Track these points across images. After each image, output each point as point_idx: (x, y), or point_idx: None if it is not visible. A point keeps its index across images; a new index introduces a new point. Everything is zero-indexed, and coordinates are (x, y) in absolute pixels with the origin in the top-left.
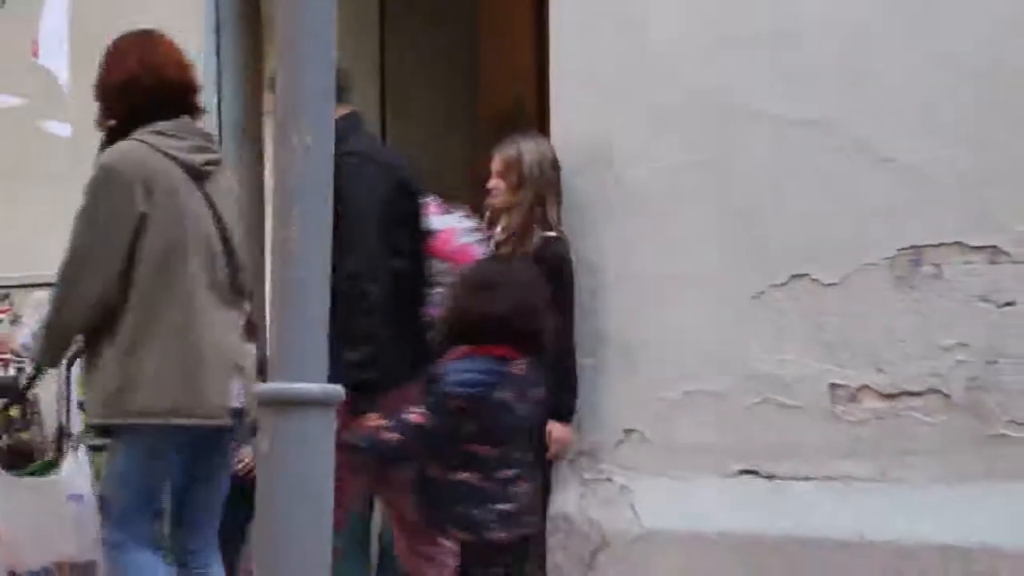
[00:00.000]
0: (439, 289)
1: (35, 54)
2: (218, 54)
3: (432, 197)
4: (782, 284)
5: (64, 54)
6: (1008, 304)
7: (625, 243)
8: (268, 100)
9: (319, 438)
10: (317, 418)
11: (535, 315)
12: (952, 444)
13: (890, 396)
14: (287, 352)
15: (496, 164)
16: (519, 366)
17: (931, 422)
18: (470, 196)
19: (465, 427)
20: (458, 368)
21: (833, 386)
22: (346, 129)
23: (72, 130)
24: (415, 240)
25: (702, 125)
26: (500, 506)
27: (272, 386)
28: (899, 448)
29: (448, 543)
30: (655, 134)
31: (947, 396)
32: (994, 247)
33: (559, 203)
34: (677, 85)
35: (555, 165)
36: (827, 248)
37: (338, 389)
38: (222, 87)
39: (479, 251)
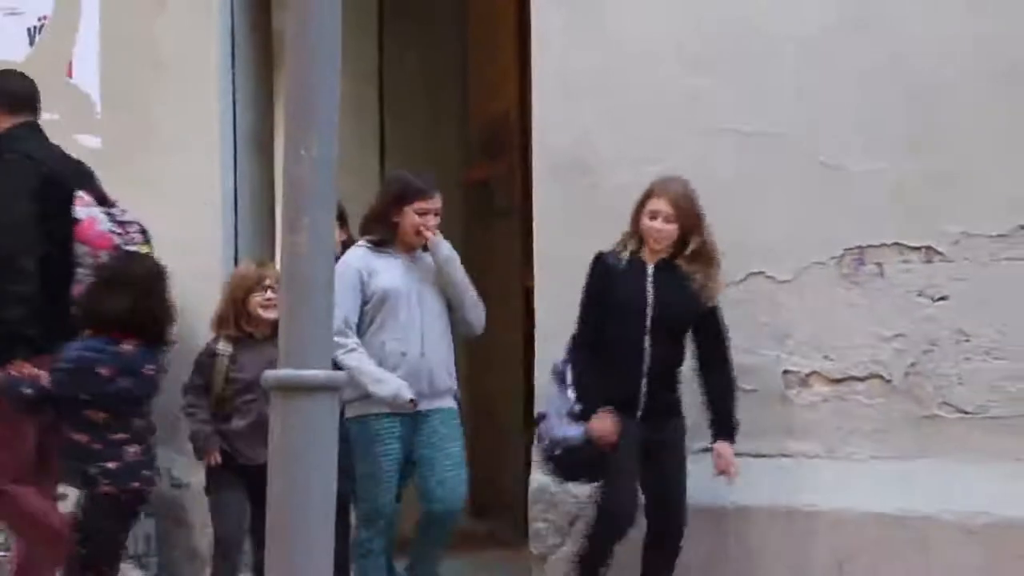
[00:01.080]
0: (82, 270)
1: (69, 74)
2: (233, 68)
3: (81, 193)
4: (740, 281)
5: (95, 74)
6: (942, 299)
7: (602, 242)
8: (279, 114)
9: (324, 418)
10: (322, 400)
11: (151, 309)
12: (892, 424)
13: (837, 381)
14: (295, 343)
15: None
16: (129, 346)
17: (873, 404)
18: (463, 193)
19: (81, 395)
20: (73, 346)
21: (786, 372)
22: (16, 135)
23: (100, 142)
24: (64, 226)
25: (671, 137)
26: (109, 464)
27: (282, 373)
28: (844, 428)
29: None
30: (629, 143)
31: (888, 381)
32: (929, 247)
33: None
34: (649, 99)
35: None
36: (781, 248)
37: (340, 375)
38: (236, 99)
39: (117, 240)
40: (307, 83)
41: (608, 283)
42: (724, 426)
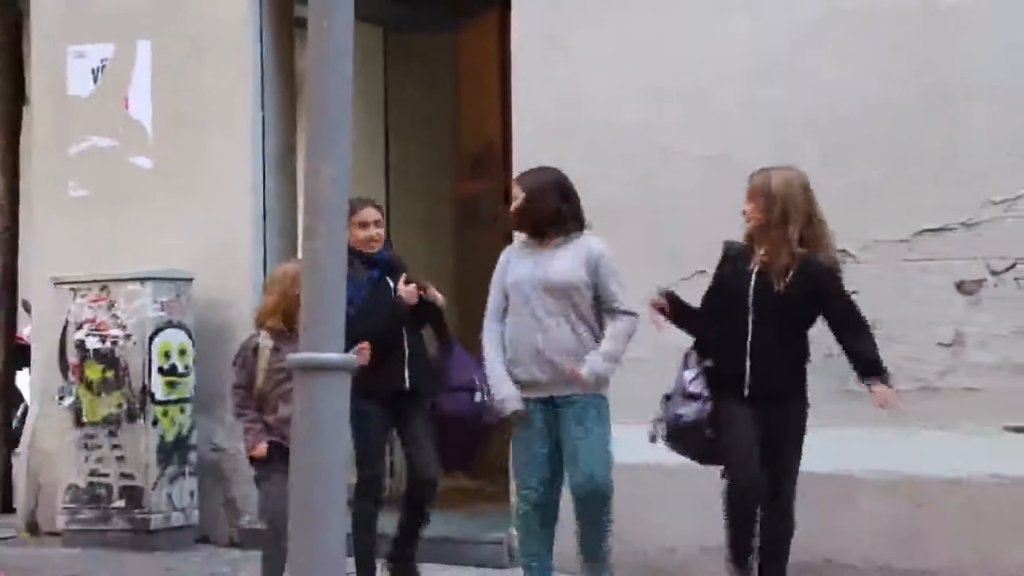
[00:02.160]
0: None
1: (126, 106)
2: (262, 101)
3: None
4: (687, 278)
5: (148, 107)
6: (854, 292)
7: None
8: (301, 140)
9: (339, 393)
10: (338, 379)
11: None
12: (818, 398)
13: None
14: (315, 331)
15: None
16: None
17: None
18: (454, 205)
19: None
20: None
21: None
22: None
23: (152, 163)
24: None
25: (631, 159)
26: None
27: (304, 356)
28: None
29: None
30: (595, 166)
31: (811, 362)
32: (844, 250)
33: (801, 223)
34: (612, 127)
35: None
36: (719, 250)
37: (352, 357)
38: (264, 128)
39: None
40: (324, 114)
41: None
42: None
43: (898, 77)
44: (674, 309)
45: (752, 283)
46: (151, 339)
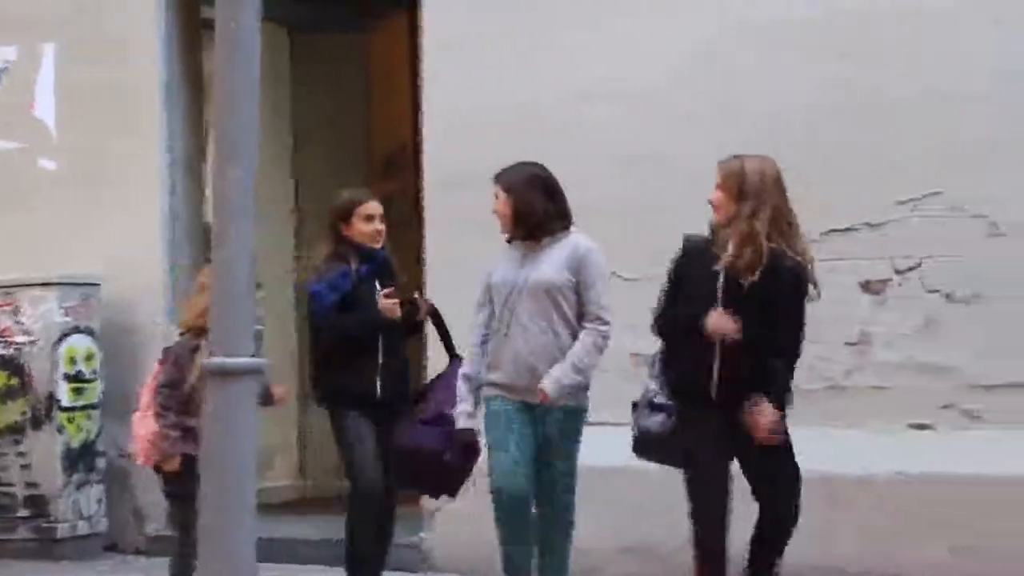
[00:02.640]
0: None
1: (32, 108)
2: (169, 106)
3: None
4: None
5: (52, 109)
6: None
7: (478, 247)
8: (209, 143)
9: (248, 394)
10: (247, 381)
11: None
12: None
13: None
14: (227, 335)
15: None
16: None
17: None
18: None
19: None
20: None
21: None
22: None
23: (57, 165)
24: None
25: (543, 160)
26: None
27: (218, 360)
28: None
29: None
30: (500, 165)
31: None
32: None
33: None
34: (523, 129)
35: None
36: (634, 252)
37: (261, 361)
38: (170, 130)
39: None
40: (231, 117)
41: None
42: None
43: (807, 81)
44: None
45: (720, 284)
46: (56, 345)
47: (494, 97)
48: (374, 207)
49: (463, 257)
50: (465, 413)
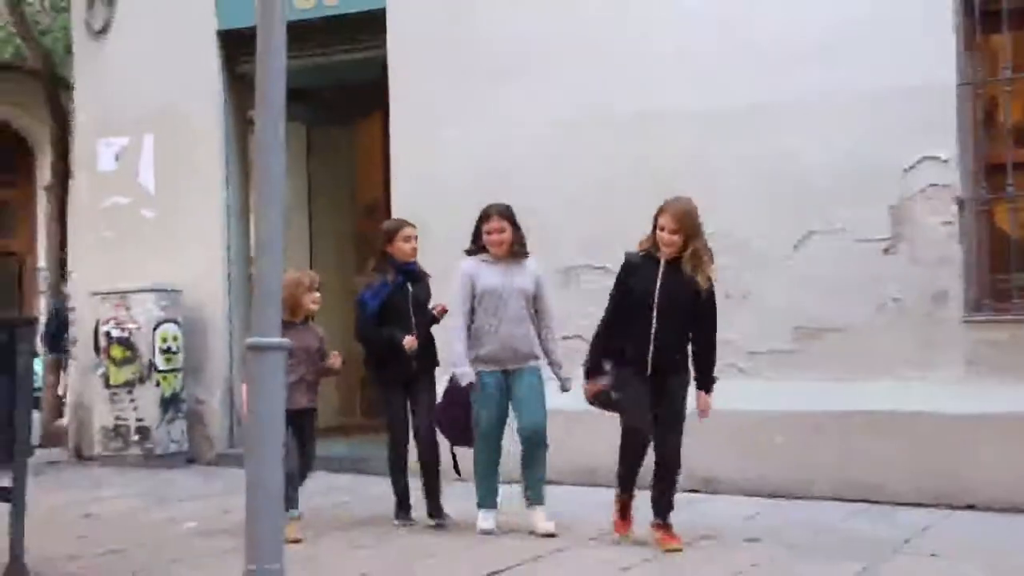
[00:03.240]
0: None
1: (137, 176)
2: (227, 177)
3: None
4: (563, 271)
5: (151, 177)
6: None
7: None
8: (252, 200)
9: (278, 366)
10: (276, 353)
11: None
12: None
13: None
14: (263, 323)
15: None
16: None
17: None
18: (355, 241)
19: None
20: None
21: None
22: None
23: (154, 214)
24: None
25: (471, 212)
26: None
27: (255, 339)
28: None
29: None
30: (447, 218)
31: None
32: (605, 267)
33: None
34: (458, 189)
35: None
36: (554, 258)
37: (285, 340)
38: (229, 190)
39: None
40: (267, 180)
41: (628, 275)
42: (705, 380)
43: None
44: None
45: (658, 286)
46: (154, 330)
47: (439, 168)
48: (411, 231)
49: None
50: (468, 374)
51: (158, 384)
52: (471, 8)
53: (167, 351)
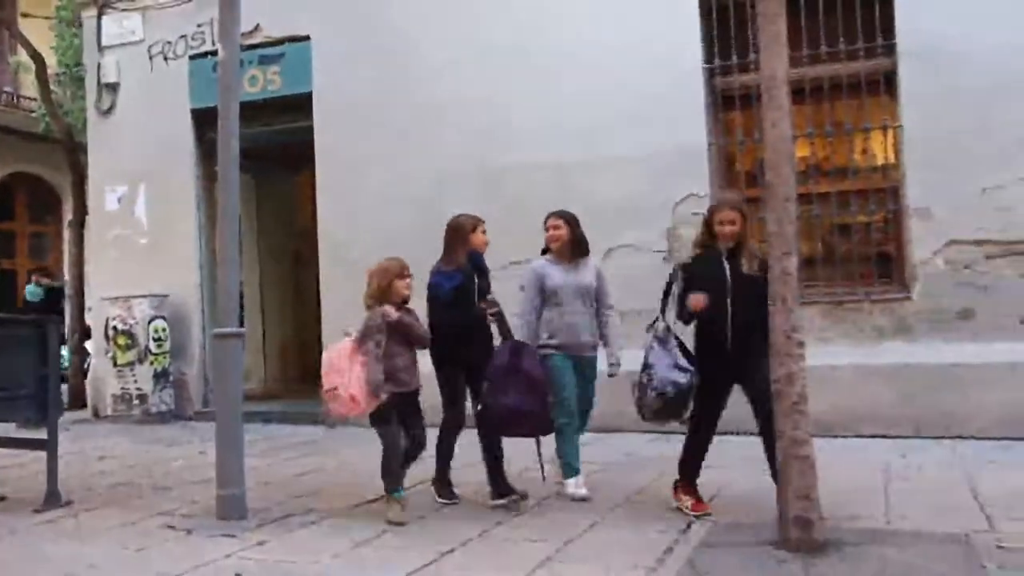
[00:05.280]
0: None
1: (133, 213)
2: (200, 214)
3: None
4: (503, 268)
5: (144, 213)
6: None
7: (352, 290)
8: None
9: (236, 347)
10: (234, 340)
11: None
12: None
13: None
14: (224, 316)
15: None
16: None
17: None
18: (291, 259)
19: None
20: None
21: None
22: None
23: (147, 241)
24: None
25: (384, 226)
26: None
27: (220, 330)
28: None
29: None
30: (362, 245)
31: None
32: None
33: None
34: (372, 227)
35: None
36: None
37: (242, 329)
38: (200, 222)
39: None
40: (226, 214)
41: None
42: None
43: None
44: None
45: (728, 274)
46: (148, 323)
47: (350, 205)
48: (484, 227)
49: (341, 286)
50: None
51: (151, 363)
52: (374, 89)
53: (157, 339)
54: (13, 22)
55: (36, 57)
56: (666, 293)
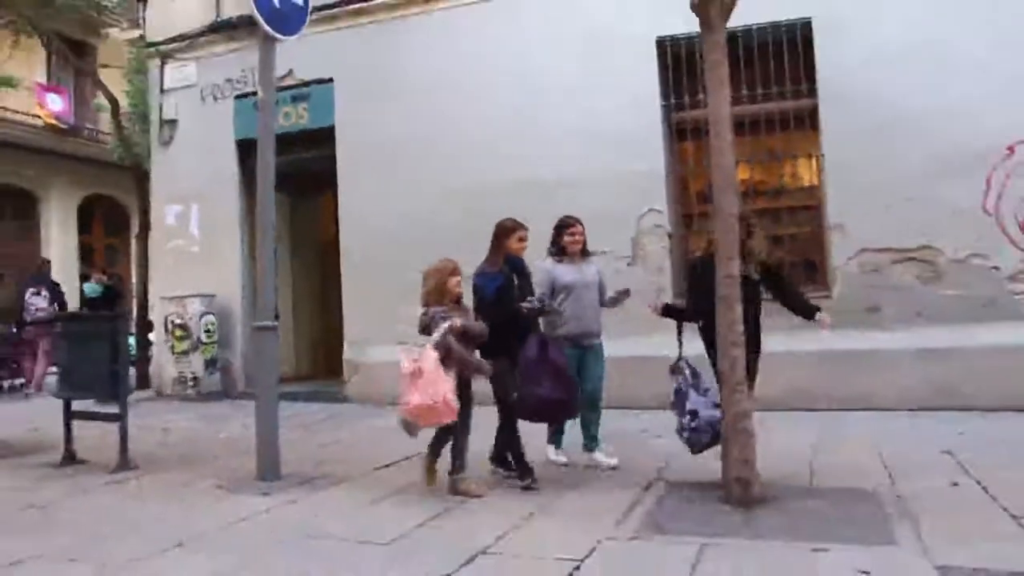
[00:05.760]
0: None
1: (188, 227)
2: (242, 229)
3: None
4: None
5: (197, 228)
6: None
7: (369, 285)
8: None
9: (272, 339)
10: (271, 332)
11: None
12: None
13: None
14: (261, 313)
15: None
16: None
17: None
18: (320, 257)
19: None
20: None
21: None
22: None
23: (199, 249)
24: None
25: (394, 239)
26: None
27: (258, 323)
28: None
29: None
30: (375, 247)
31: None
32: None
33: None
34: (379, 230)
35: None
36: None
37: (276, 323)
38: (242, 232)
39: None
40: (264, 231)
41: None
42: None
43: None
44: (664, 309)
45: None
46: (200, 318)
47: (367, 222)
48: (524, 232)
49: (359, 290)
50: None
51: (203, 352)
52: (386, 123)
53: (208, 331)
54: (94, 72)
55: (111, 100)
56: (680, 331)
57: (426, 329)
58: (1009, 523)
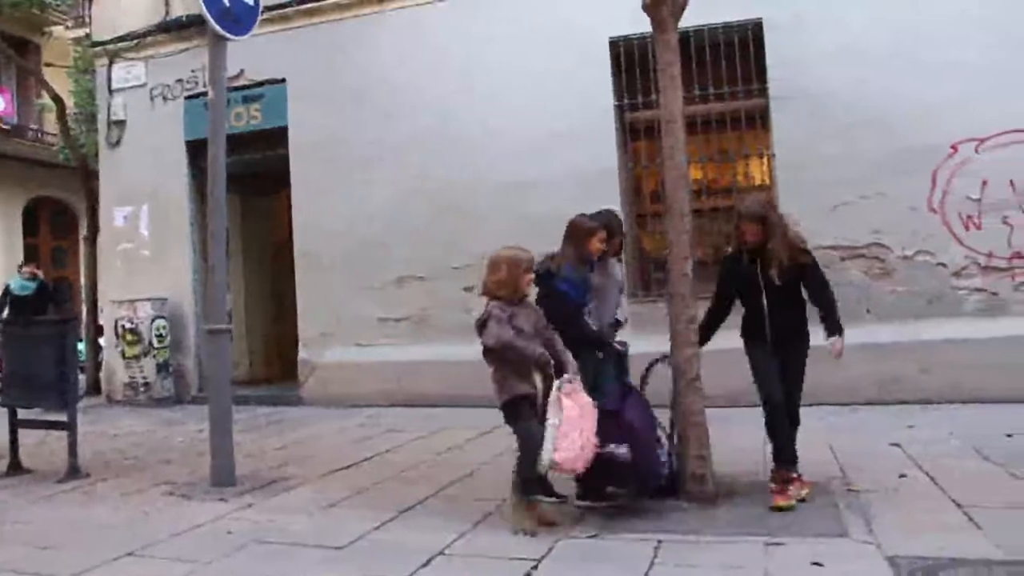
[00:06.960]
0: None
1: (138, 229)
2: (192, 229)
3: None
4: (381, 288)
5: (147, 229)
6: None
7: (313, 279)
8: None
9: (225, 341)
10: (224, 334)
11: None
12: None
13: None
14: (212, 315)
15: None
16: None
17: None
18: (271, 257)
19: None
20: None
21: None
22: None
23: (149, 252)
24: None
25: (349, 238)
26: None
27: (210, 325)
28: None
29: None
30: (330, 247)
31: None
32: (421, 277)
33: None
34: (333, 233)
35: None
36: (398, 269)
37: (230, 325)
38: (192, 236)
39: None
40: (215, 232)
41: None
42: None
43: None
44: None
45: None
46: (151, 323)
47: (319, 221)
48: (603, 233)
49: (313, 288)
50: (619, 344)
51: (154, 356)
52: (339, 122)
53: (159, 335)
54: (38, 71)
55: (57, 99)
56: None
57: (484, 325)
58: (956, 513)
